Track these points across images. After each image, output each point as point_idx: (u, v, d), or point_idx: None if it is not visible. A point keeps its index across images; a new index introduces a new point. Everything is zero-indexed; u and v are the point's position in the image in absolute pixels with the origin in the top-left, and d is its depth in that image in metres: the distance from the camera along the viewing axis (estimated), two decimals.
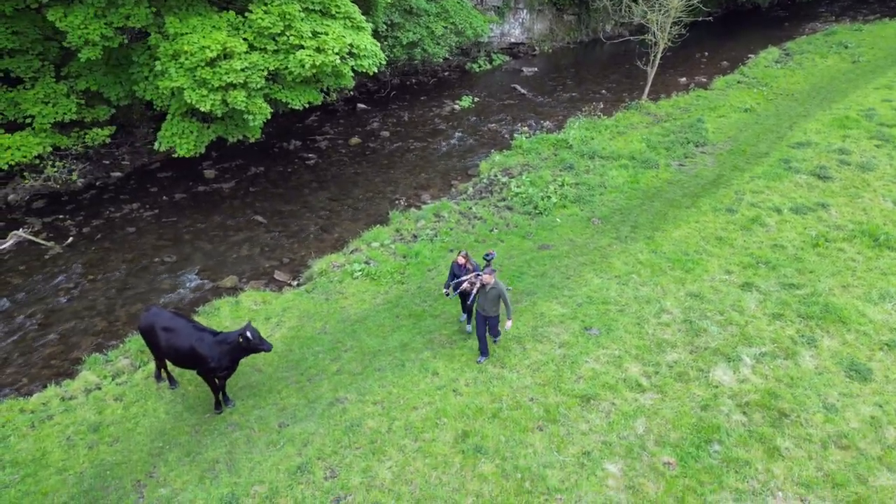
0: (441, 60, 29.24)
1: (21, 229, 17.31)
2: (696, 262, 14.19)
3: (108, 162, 21.76)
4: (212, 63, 15.31)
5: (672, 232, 15.62)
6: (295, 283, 15.00)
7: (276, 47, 16.20)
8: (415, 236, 16.04)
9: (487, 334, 11.33)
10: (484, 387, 10.74)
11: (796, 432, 9.62)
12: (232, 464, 9.48)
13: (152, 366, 11.55)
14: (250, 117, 16.14)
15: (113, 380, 11.36)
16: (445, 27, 27.74)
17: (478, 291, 10.71)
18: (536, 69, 33.05)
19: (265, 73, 16.04)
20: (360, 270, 14.37)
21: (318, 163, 22.27)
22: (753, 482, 8.87)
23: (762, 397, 10.27)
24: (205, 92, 15.37)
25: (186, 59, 15.18)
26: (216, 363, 10.05)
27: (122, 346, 12.44)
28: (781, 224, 15.75)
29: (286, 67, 16.14)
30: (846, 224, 15.54)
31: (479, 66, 32.88)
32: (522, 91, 29.35)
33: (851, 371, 10.75)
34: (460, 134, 24.68)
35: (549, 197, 17.28)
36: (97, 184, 20.40)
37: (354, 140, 24.07)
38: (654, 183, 18.50)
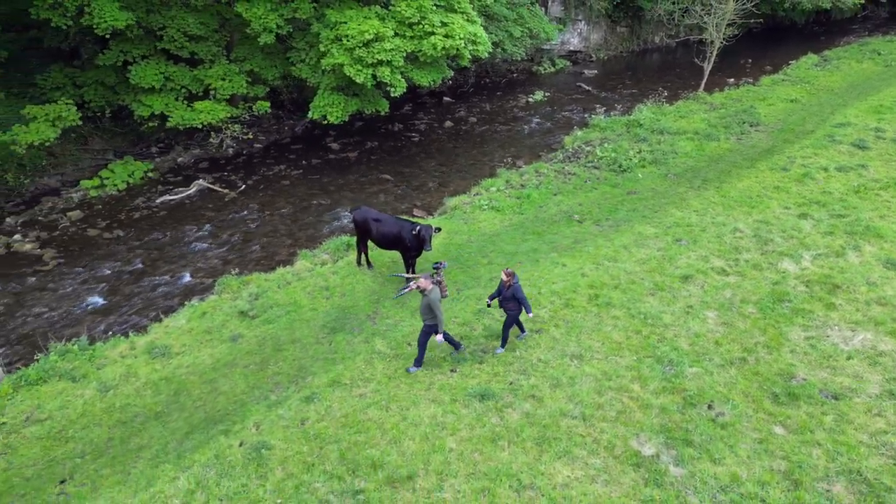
0: (519, 59, 33.18)
1: (201, 179, 21.50)
2: (760, 202, 17.63)
3: (241, 138, 26.00)
4: (367, 44, 19.38)
5: (737, 183, 19.08)
6: (432, 216, 18.76)
7: (412, 34, 20.23)
8: (522, 185, 19.75)
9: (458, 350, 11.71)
10: (604, 271, 14.31)
11: (847, 297, 12.98)
12: None
13: (349, 258, 15.38)
14: (392, 89, 20.15)
15: (322, 266, 15.21)
16: (522, 31, 31.75)
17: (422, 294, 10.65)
18: (596, 72, 36.88)
19: (404, 54, 20.06)
20: (486, 205, 18.12)
21: (421, 140, 26.24)
22: (816, 321, 12.25)
23: (819, 278, 13.65)
24: (360, 67, 19.43)
25: (348, 41, 19.29)
26: (410, 244, 13.81)
27: (321, 246, 16.29)
28: (828, 178, 19.09)
29: (420, 50, 20.15)
30: (882, 178, 18.83)
31: (544, 69, 36.82)
32: (587, 88, 33.17)
33: (888, 264, 14.06)
34: (538, 120, 28.51)
35: (630, 159, 20.89)
36: (243, 153, 24.63)
37: (448, 124, 28.05)
38: (717, 151, 22.01)
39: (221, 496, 8.69)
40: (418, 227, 13.49)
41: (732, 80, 33.46)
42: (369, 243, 14.81)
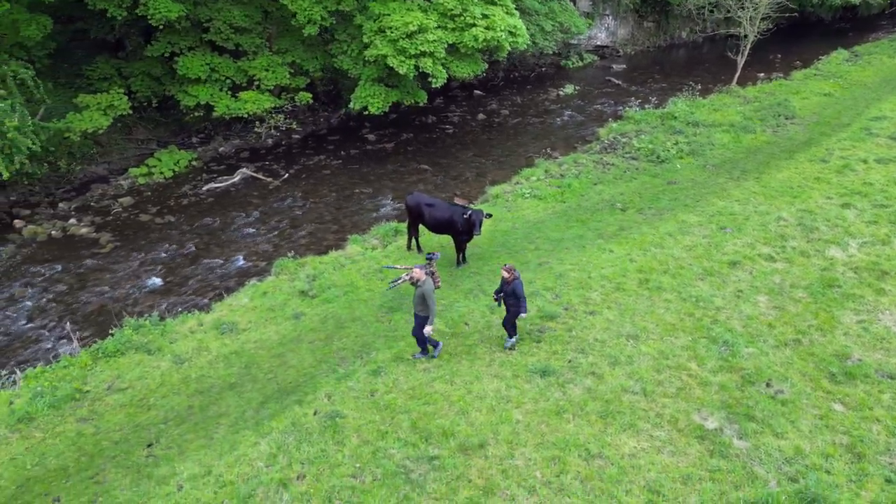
0: (551, 53, 33.43)
1: (244, 168, 21.98)
2: (801, 192, 17.76)
3: (283, 129, 26.47)
4: (410, 36, 19.73)
5: (776, 174, 19.21)
6: (473, 204, 19.05)
7: (454, 26, 20.55)
8: (562, 175, 20.00)
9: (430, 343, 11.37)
10: (652, 256, 14.55)
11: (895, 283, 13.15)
12: (483, 290, 13.50)
13: (398, 243, 15.74)
14: (433, 80, 20.49)
15: (373, 250, 15.59)
16: (553, 25, 31.96)
17: (414, 286, 10.65)
18: (624, 66, 36.99)
19: (445, 46, 20.38)
20: (528, 193, 18.41)
21: (455, 132, 26.57)
22: (867, 306, 12.42)
23: (867, 264, 13.80)
24: (403, 59, 19.80)
25: (391, 32, 19.65)
26: (462, 228, 14.14)
27: (370, 231, 16.67)
28: (868, 170, 19.15)
29: (462, 41, 20.46)
30: None
31: (572, 63, 37.00)
32: (617, 82, 33.32)
33: None
34: (570, 112, 28.73)
35: (668, 150, 21.08)
36: (282, 143, 25.10)
37: (480, 116, 28.35)
38: (754, 143, 22.12)
39: (303, 460, 9.08)
40: (469, 212, 13.81)
41: (763, 74, 33.41)
42: (420, 228, 15.13)
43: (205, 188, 20.75)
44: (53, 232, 17.83)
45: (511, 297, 10.83)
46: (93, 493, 8.65)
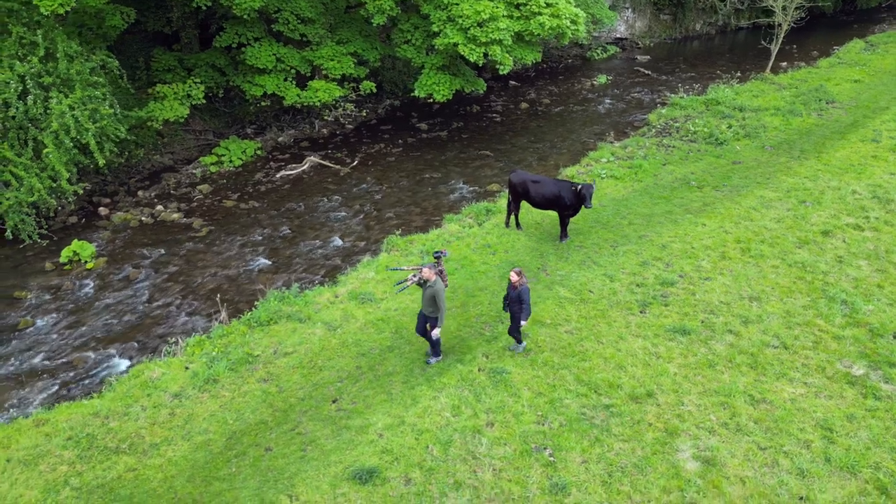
0: (586, 44, 34.27)
1: (312, 156, 22.36)
2: (863, 169, 18.61)
3: (351, 115, 26.91)
4: (481, 24, 20.26)
5: (834, 153, 20.04)
6: None
7: (519, 14, 21.12)
8: (629, 157, 20.67)
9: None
10: (745, 228, 15.26)
11: None
12: (595, 261, 14.10)
13: (494, 221, 16.28)
14: (501, 67, 21.03)
15: (470, 228, 16.10)
16: (586, 16, 32.64)
17: (422, 287, 10.20)
18: (649, 57, 37.81)
19: (512, 34, 20.94)
20: (604, 174, 19.05)
21: (503, 120, 27.14)
22: None
23: None
24: (473, 47, 20.31)
25: (463, 21, 20.16)
26: (569, 203, 14.72)
27: (462, 210, 17.20)
28: None
29: (528, 29, 21.03)
30: None
31: (598, 55, 37.80)
32: (647, 72, 34.12)
33: None
34: (610, 101, 29.44)
35: (724, 132, 21.85)
36: (337, 133, 25.50)
37: (523, 105, 28.95)
38: (804, 125, 22.99)
39: (485, 410, 9.61)
40: (579, 186, 14.38)
41: (785, 63, 34.41)
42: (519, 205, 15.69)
43: (278, 175, 21.11)
44: (144, 218, 18.10)
45: (516, 302, 10.25)
46: (300, 443, 9.10)
